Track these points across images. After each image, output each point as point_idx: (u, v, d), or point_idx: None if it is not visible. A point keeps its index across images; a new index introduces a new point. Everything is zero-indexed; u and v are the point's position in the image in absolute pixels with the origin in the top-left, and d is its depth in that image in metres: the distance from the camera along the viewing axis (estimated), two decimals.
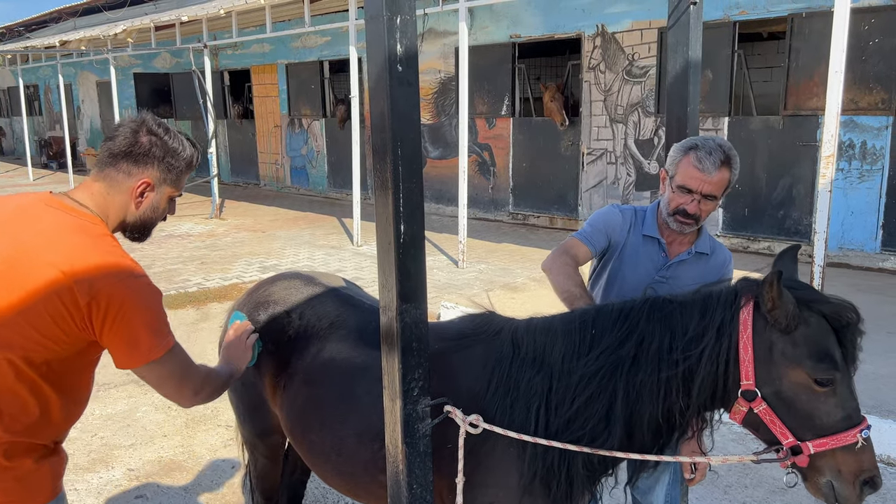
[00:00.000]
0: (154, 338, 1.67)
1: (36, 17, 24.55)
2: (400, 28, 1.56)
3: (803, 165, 8.15)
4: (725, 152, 2.22)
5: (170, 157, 1.78)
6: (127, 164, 1.75)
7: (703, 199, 2.23)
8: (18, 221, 1.68)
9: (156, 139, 1.76)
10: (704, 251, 2.36)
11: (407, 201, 1.65)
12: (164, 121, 1.84)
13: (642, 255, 2.38)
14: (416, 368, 1.74)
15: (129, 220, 1.81)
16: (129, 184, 1.76)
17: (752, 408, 1.71)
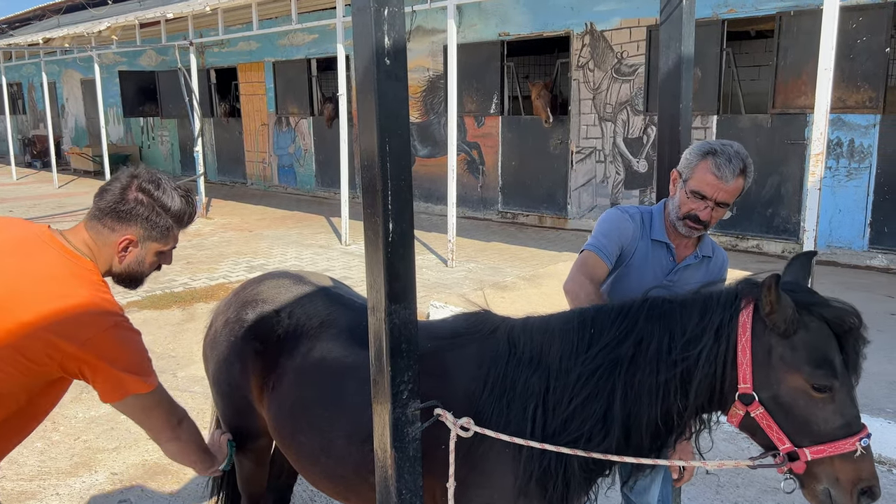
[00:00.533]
0: (135, 377, 1.75)
1: (19, 15, 24.27)
2: (388, 20, 1.52)
3: (791, 164, 8.17)
4: (743, 160, 2.18)
5: (155, 216, 1.82)
6: (111, 220, 1.80)
7: (716, 207, 2.19)
8: (14, 257, 1.74)
9: (144, 197, 1.81)
10: (708, 254, 2.35)
11: (395, 199, 1.60)
12: (160, 176, 1.88)
13: (651, 260, 2.32)
14: (406, 371, 1.69)
15: (114, 270, 1.87)
16: (112, 239, 1.81)
17: (749, 412, 1.68)
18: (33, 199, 14.30)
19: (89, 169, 18.88)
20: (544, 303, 2.23)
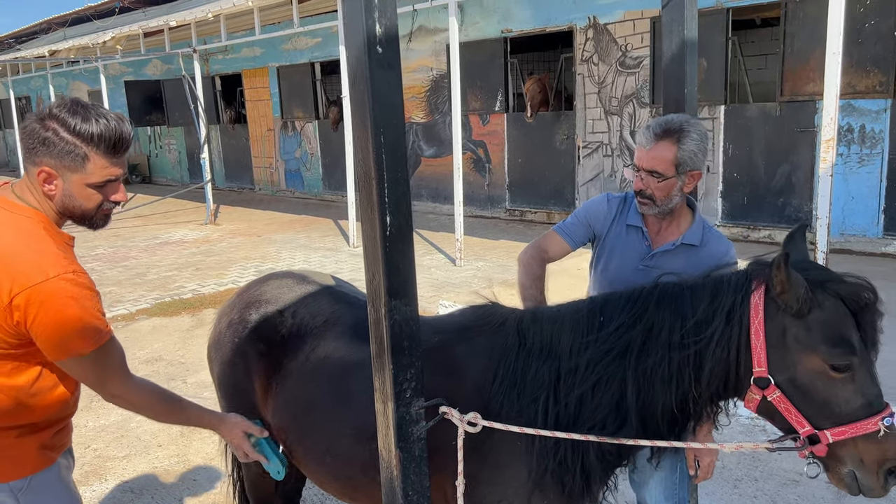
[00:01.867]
0: (80, 335, 1.66)
1: (25, 29, 24.43)
2: (378, 7, 1.47)
3: (802, 152, 8.06)
4: (665, 126, 2.13)
5: (61, 142, 1.66)
6: (28, 153, 1.70)
7: (647, 176, 2.15)
8: None
9: (50, 122, 1.66)
10: (693, 242, 2.23)
11: (392, 191, 1.55)
12: (80, 100, 1.72)
13: (626, 245, 2.30)
14: (408, 368, 1.65)
15: (57, 209, 1.75)
16: (34, 173, 1.70)
17: (766, 395, 1.62)
18: None
19: None
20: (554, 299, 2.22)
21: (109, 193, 1.77)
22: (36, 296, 1.59)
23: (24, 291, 1.59)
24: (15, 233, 1.66)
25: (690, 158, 2.12)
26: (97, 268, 8.92)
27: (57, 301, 1.61)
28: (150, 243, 10.59)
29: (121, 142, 1.72)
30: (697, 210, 2.30)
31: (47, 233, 1.71)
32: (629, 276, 2.21)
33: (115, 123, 1.71)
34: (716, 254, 2.21)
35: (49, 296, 1.60)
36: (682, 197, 2.21)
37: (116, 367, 1.78)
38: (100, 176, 1.72)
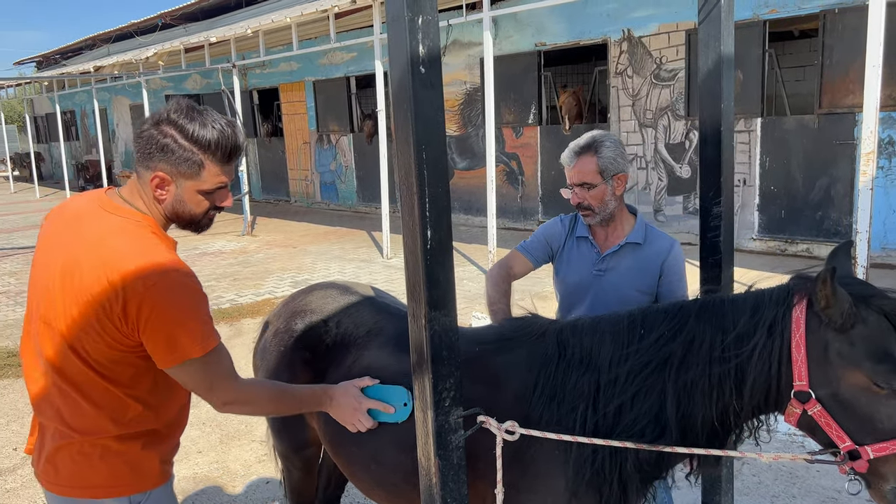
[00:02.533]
0: (189, 339, 1.63)
1: (71, 45, 25.25)
2: (422, 29, 1.52)
3: (841, 165, 7.94)
4: (582, 143, 2.43)
5: (179, 149, 1.65)
6: (142, 157, 1.69)
7: (580, 189, 2.43)
8: (71, 229, 1.71)
9: (168, 128, 1.65)
10: (637, 241, 2.48)
11: (433, 206, 1.60)
12: (195, 105, 1.70)
13: (577, 256, 2.55)
14: (448, 378, 1.69)
15: (166, 213, 1.74)
16: (147, 178, 1.69)
17: (806, 409, 1.62)
18: None
19: None
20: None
21: (217, 199, 1.77)
22: (149, 298, 1.58)
23: (139, 294, 1.58)
24: (126, 237, 1.65)
25: (611, 164, 2.40)
26: None
27: (168, 303, 1.60)
28: (189, 254, 10.82)
29: (235, 150, 1.72)
30: (639, 214, 2.57)
31: (156, 237, 1.70)
32: (585, 282, 2.50)
33: (230, 131, 1.70)
34: (660, 249, 2.48)
35: (161, 298, 1.59)
36: (617, 201, 2.46)
37: (225, 372, 1.75)
38: (212, 183, 1.72)
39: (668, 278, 2.45)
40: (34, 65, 30.06)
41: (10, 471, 4.08)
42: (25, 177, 27.29)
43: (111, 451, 1.70)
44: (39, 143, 28.24)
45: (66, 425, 1.69)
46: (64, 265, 1.66)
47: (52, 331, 1.67)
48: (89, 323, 1.62)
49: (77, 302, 1.63)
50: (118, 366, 1.67)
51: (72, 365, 1.66)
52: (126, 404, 1.70)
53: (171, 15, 19.03)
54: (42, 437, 1.77)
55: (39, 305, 1.71)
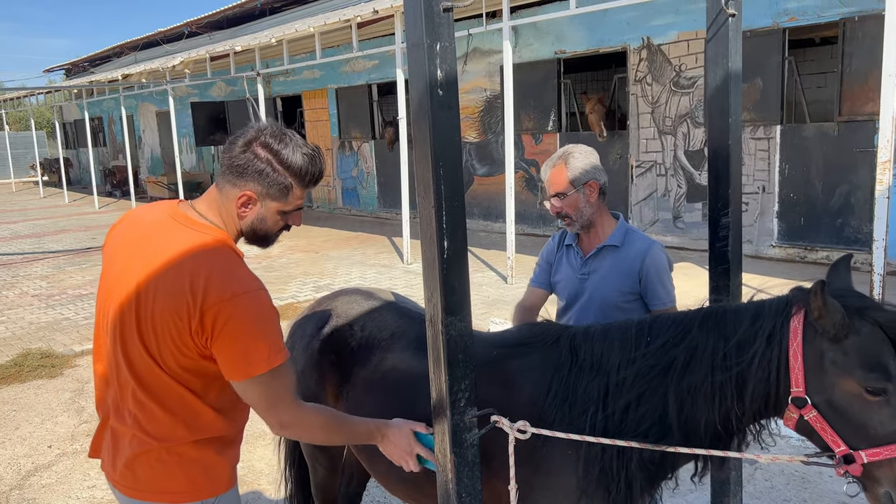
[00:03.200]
0: (257, 355, 1.68)
1: (99, 53, 25.77)
2: (440, 54, 1.64)
3: (861, 172, 7.93)
4: (555, 157, 2.62)
5: (273, 173, 1.74)
6: (232, 175, 1.76)
7: (555, 199, 2.59)
8: (149, 241, 1.77)
9: (264, 152, 1.73)
10: (614, 243, 2.62)
11: (450, 219, 1.72)
12: (287, 131, 1.78)
13: (566, 263, 2.72)
14: (463, 380, 1.80)
15: (242, 228, 1.83)
16: (233, 194, 1.76)
17: (803, 415, 1.71)
18: None
19: (164, 196, 19.78)
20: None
21: (292, 219, 1.86)
22: (225, 310, 1.64)
23: (215, 306, 1.64)
24: (204, 251, 1.72)
25: (581, 173, 2.56)
26: None
27: (243, 317, 1.66)
28: None
29: (320, 176, 1.82)
30: (621, 219, 2.70)
31: (232, 251, 1.78)
32: (573, 286, 2.66)
33: (318, 158, 1.80)
34: (638, 251, 2.58)
35: (236, 311, 1.65)
36: (592, 207, 2.59)
37: (287, 392, 1.79)
38: (293, 205, 1.81)
39: (647, 279, 2.55)
40: (63, 72, 30.72)
41: (45, 467, 4.26)
42: (54, 182, 27.86)
43: (188, 458, 1.77)
44: (68, 149, 28.84)
45: (143, 432, 1.75)
46: (143, 277, 1.72)
47: (131, 339, 1.73)
48: (167, 332, 1.68)
49: (157, 312, 1.69)
50: (190, 373, 1.74)
51: (150, 373, 1.73)
52: (198, 410, 1.76)
53: (197, 23, 19.38)
54: (116, 443, 1.81)
55: (116, 314, 1.76)
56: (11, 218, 17.96)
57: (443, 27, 1.65)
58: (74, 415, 5.03)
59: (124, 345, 1.76)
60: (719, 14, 2.50)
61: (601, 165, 2.65)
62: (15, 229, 15.62)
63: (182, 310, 1.67)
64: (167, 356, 1.72)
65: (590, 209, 2.58)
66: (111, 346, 1.80)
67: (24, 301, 8.61)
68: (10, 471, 4.22)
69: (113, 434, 1.83)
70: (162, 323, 1.69)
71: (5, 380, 5.79)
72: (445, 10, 1.65)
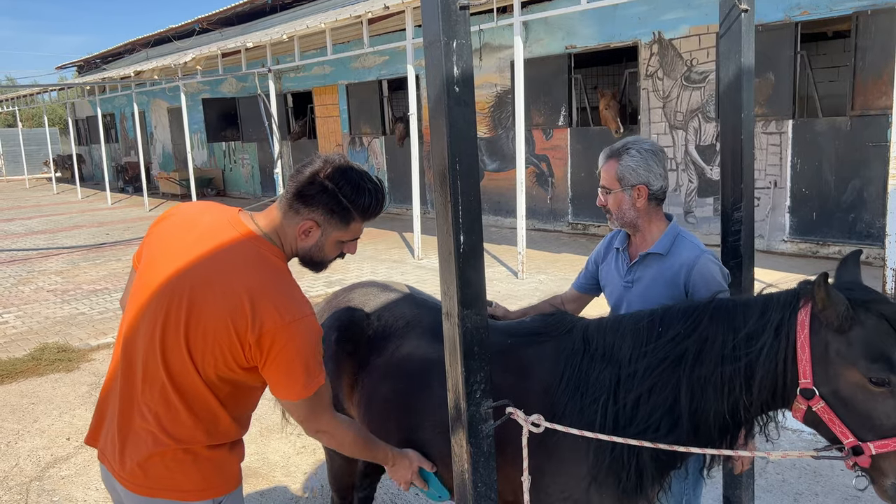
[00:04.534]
0: (307, 378, 1.78)
1: (111, 50, 25.93)
2: (456, 52, 1.67)
3: (874, 166, 7.89)
4: (612, 147, 2.42)
5: (338, 206, 1.82)
6: (298, 202, 1.82)
7: (602, 192, 2.44)
8: (208, 245, 1.80)
9: (331, 185, 1.80)
10: (659, 251, 2.39)
11: (466, 214, 1.75)
12: (353, 165, 1.87)
13: (614, 267, 2.54)
14: (478, 371, 1.83)
15: (298, 252, 1.90)
16: (296, 221, 1.83)
17: (811, 406, 1.74)
18: (127, 223, 15.21)
19: (176, 192, 19.93)
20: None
21: (347, 248, 1.94)
22: (282, 336, 1.71)
23: (273, 331, 1.70)
24: (265, 269, 1.78)
25: (630, 173, 2.34)
26: None
27: (298, 344, 1.73)
28: None
29: (381, 210, 1.90)
30: (672, 222, 2.45)
31: (288, 271, 1.84)
32: (618, 293, 2.48)
33: (381, 193, 1.89)
34: (684, 260, 2.33)
35: (293, 338, 1.72)
36: (637, 211, 2.38)
37: (327, 406, 1.90)
38: (352, 236, 1.89)
39: (695, 292, 2.27)
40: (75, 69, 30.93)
41: (64, 459, 4.33)
42: (67, 178, 28.09)
43: (203, 457, 1.81)
44: (80, 146, 29.04)
45: (164, 432, 1.78)
46: (196, 281, 1.75)
47: (175, 338, 1.75)
48: (218, 341, 1.72)
49: (211, 320, 1.71)
50: (223, 382, 1.79)
51: (186, 375, 1.76)
52: (219, 418, 1.82)
53: (208, 20, 19.47)
54: (126, 438, 1.82)
55: (162, 311, 1.77)
56: (26, 214, 18.13)
57: (459, 24, 1.68)
58: (92, 408, 5.10)
59: (164, 342, 1.77)
60: (732, 9, 2.51)
61: (661, 168, 2.37)
62: (29, 225, 15.78)
63: (239, 325, 1.71)
64: (209, 363, 1.75)
65: (633, 213, 2.37)
66: (146, 340, 1.80)
67: (40, 296, 8.72)
68: (29, 462, 4.30)
69: (122, 428, 1.83)
70: (214, 332, 1.72)
71: (24, 373, 5.88)
72: (462, 7, 1.68)
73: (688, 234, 2.46)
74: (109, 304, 8.14)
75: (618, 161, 2.37)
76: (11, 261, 11.37)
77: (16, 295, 8.85)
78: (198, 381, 1.77)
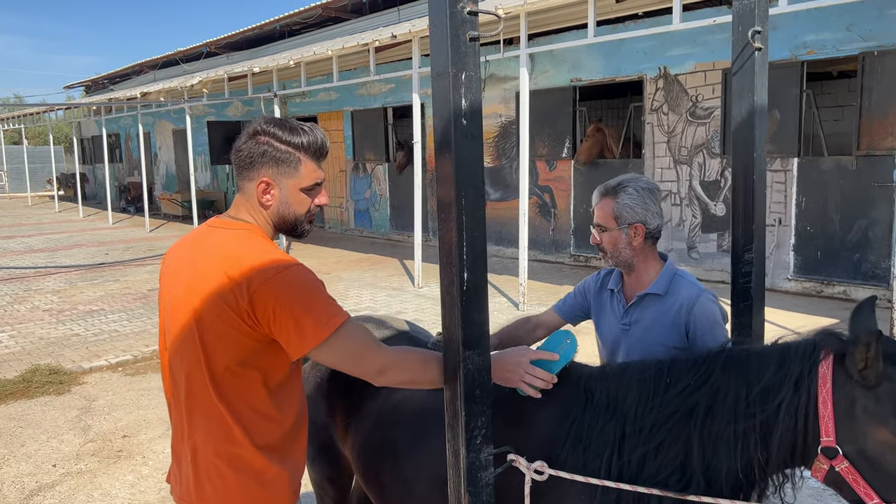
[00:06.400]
0: (316, 320, 1.70)
1: (119, 71, 26.15)
2: (465, 84, 1.61)
3: (880, 207, 7.84)
4: (608, 184, 2.36)
5: (276, 152, 1.81)
6: (245, 171, 1.84)
7: (596, 230, 2.37)
8: (190, 252, 1.86)
9: (262, 137, 1.81)
10: (657, 292, 2.32)
11: (470, 250, 1.67)
12: (279, 117, 1.91)
13: (609, 309, 2.46)
14: (479, 416, 1.74)
15: (273, 221, 1.87)
16: (252, 188, 1.83)
17: (834, 465, 1.64)
18: (127, 243, 15.16)
19: (178, 213, 19.91)
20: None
21: (315, 197, 1.90)
22: (272, 289, 1.68)
23: (262, 287, 1.68)
24: (240, 242, 1.79)
25: (627, 211, 2.29)
26: None
27: (290, 290, 1.70)
28: None
29: (323, 147, 1.89)
30: (668, 260, 2.41)
31: (265, 240, 1.84)
32: (615, 336, 2.40)
33: (318, 132, 1.87)
34: (683, 300, 2.28)
35: (283, 286, 1.69)
36: (633, 251, 2.33)
37: (365, 343, 1.78)
38: (310, 179, 1.86)
39: (696, 333, 2.23)
40: (83, 88, 31.17)
41: (49, 487, 4.20)
42: (69, 196, 28.13)
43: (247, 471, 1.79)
44: (84, 164, 29.14)
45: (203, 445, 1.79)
46: (192, 282, 1.78)
47: (191, 345, 1.77)
48: (225, 325, 1.72)
49: (210, 309, 1.73)
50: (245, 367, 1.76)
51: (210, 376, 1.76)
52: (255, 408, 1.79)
53: (216, 44, 19.65)
54: (180, 465, 1.86)
55: (177, 325, 1.80)
56: (26, 231, 18.09)
57: (469, 57, 1.62)
58: (80, 433, 4.98)
59: (182, 354, 1.79)
60: (745, 47, 2.47)
61: (658, 207, 2.34)
62: (29, 243, 15.72)
63: (230, 298, 1.70)
64: (226, 351, 1.74)
65: (630, 252, 2.32)
66: (175, 360, 1.82)
67: (35, 315, 8.62)
68: (14, 489, 4.17)
69: (175, 456, 1.87)
70: (219, 318, 1.72)
71: (13, 395, 5.76)
72: (472, 39, 1.62)
73: (685, 273, 2.42)
74: (104, 325, 8.05)
75: (614, 199, 2.32)
76: (9, 278, 11.29)
77: (10, 314, 8.76)
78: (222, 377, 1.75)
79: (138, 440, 4.83)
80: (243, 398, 1.78)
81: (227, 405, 1.76)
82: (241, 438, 1.77)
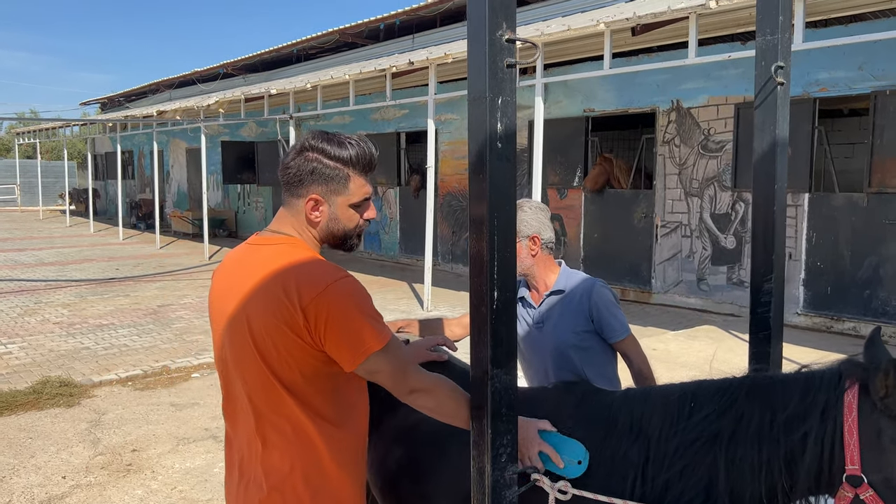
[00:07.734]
0: (368, 330, 1.72)
1: (136, 89, 26.50)
2: (501, 108, 1.66)
3: (891, 245, 7.86)
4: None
5: (326, 169, 1.81)
6: (294, 188, 1.83)
7: None
8: (236, 274, 1.85)
9: (312, 154, 1.81)
10: (559, 288, 2.73)
11: (501, 270, 1.71)
12: (328, 132, 1.88)
13: (521, 317, 2.78)
14: (505, 434, 1.76)
15: (320, 235, 1.88)
16: (300, 205, 1.84)
17: (859, 494, 1.65)
18: (137, 259, 15.25)
19: (188, 231, 20.03)
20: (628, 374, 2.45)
21: (363, 212, 1.92)
22: (323, 303, 1.69)
23: (313, 302, 1.68)
24: (286, 256, 1.78)
25: (524, 226, 2.66)
26: (185, 316, 9.39)
27: (343, 302, 1.71)
28: None
29: (372, 161, 1.90)
30: (562, 264, 2.84)
31: (308, 250, 1.85)
32: (531, 336, 2.74)
33: (365, 146, 1.88)
34: (582, 290, 2.70)
35: (335, 299, 1.70)
36: (532, 259, 2.72)
37: (408, 362, 1.82)
38: (359, 195, 1.87)
39: (598, 315, 2.65)
40: (98, 105, 31.57)
41: (58, 498, 4.21)
42: (81, 211, 28.33)
43: (323, 492, 1.80)
44: (97, 180, 29.38)
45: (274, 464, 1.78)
46: (243, 303, 1.77)
47: (253, 364, 1.77)
48: (283, 342, 1.72)
49: (266, 327, 1.72)
50: (307, 380, 1.77)
51: (273, 392, 1.76)
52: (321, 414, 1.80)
53: (233, 65, 19.93)
54: (248, 488, 1.83)
55: (233, 348, 1.80)
56: (37, 245, 18.22)
57: (506, 82, 1.68)
58: (90, 446, 4.99)
59: (243, 373, 1.79)
60: (768, 82, 2.52)
61: (549, 222, 2.78)
62: (40, 256, 15.83)
63: (285, 314, 1.70)
64: (291, 367, 1.74)
65: (530, 261, 2.70)
66: (237, 382, 1.82)
67: (46, 328, 8.67)
68: (23, 500, 4.18)
69: (242, 477, 1.84)
70: (277, 334, 1.72)
71: (23, 406, 5.78)
72: (509, 66, 1.68)
73: (574, 270, 2.84)
74: (115, 339, 8.08)
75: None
76: (20, 290, 11.36)
77: (21, 325, 8.80)
78: (285, 394, 1.76)
79: (147, 455, 4.83)
80: (316, 410, 1.79)
81: (306, 417, 1.77)
82: (323, 451, 1.78)
